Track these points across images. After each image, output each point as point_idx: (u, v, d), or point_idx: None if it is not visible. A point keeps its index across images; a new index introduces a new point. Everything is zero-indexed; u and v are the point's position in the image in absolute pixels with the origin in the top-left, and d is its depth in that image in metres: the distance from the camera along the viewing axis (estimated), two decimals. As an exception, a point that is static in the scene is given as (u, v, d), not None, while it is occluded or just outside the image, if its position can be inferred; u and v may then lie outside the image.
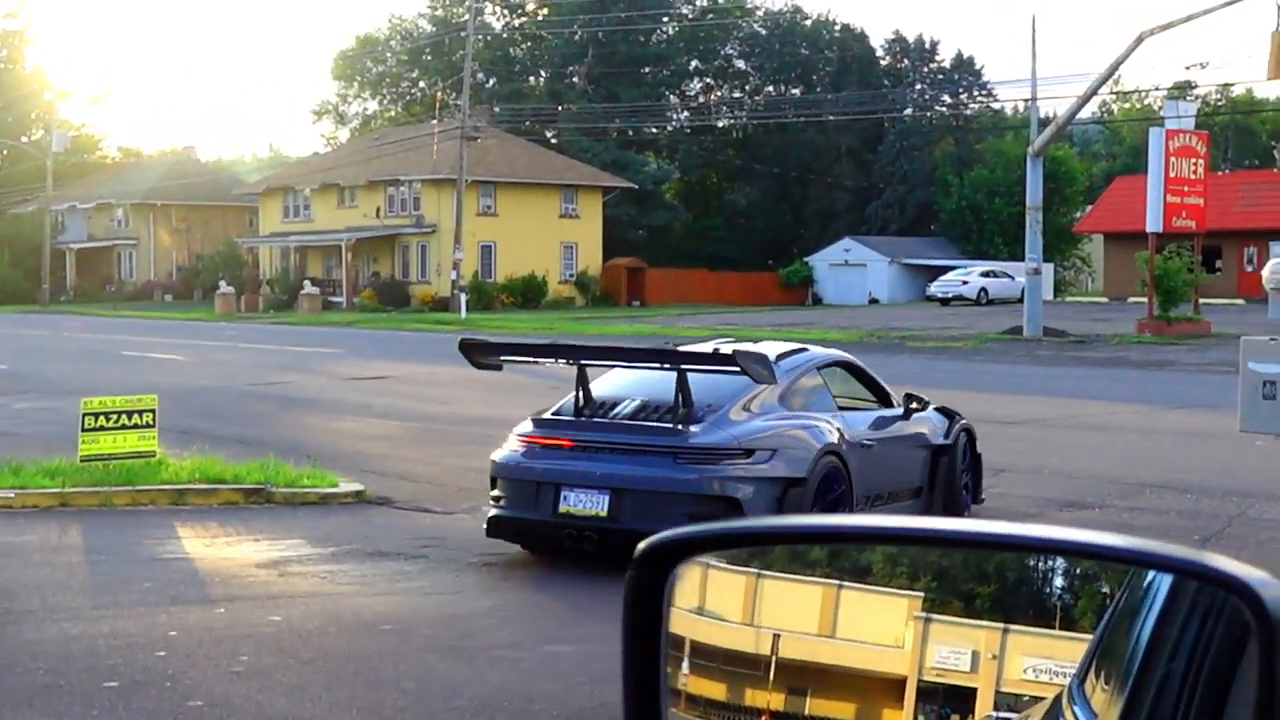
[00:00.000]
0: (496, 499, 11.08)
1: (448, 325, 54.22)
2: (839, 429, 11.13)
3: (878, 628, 2.17)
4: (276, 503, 13.94)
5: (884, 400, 12.59)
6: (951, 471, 12.74)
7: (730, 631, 2.20)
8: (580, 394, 10.94)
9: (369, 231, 72.09)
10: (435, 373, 31.64)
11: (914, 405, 12.61)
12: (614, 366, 11.85)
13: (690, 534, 2.14)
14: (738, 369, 10.45)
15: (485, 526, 11.28)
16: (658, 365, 11.19)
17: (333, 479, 14.68)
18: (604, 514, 10.36)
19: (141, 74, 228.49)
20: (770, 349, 11.83)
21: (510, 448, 11.15)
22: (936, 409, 13.12)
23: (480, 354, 11.92)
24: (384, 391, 26.71)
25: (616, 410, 10.97)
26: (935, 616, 2.12)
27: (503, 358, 12.31)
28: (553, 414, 11.18)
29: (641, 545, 2.07)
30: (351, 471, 15.73)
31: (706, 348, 11.90)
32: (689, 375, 10.64)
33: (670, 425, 10.43)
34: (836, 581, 2.20)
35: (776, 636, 2.21)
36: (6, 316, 67.24)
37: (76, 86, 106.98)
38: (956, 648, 2.11)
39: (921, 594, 2.13)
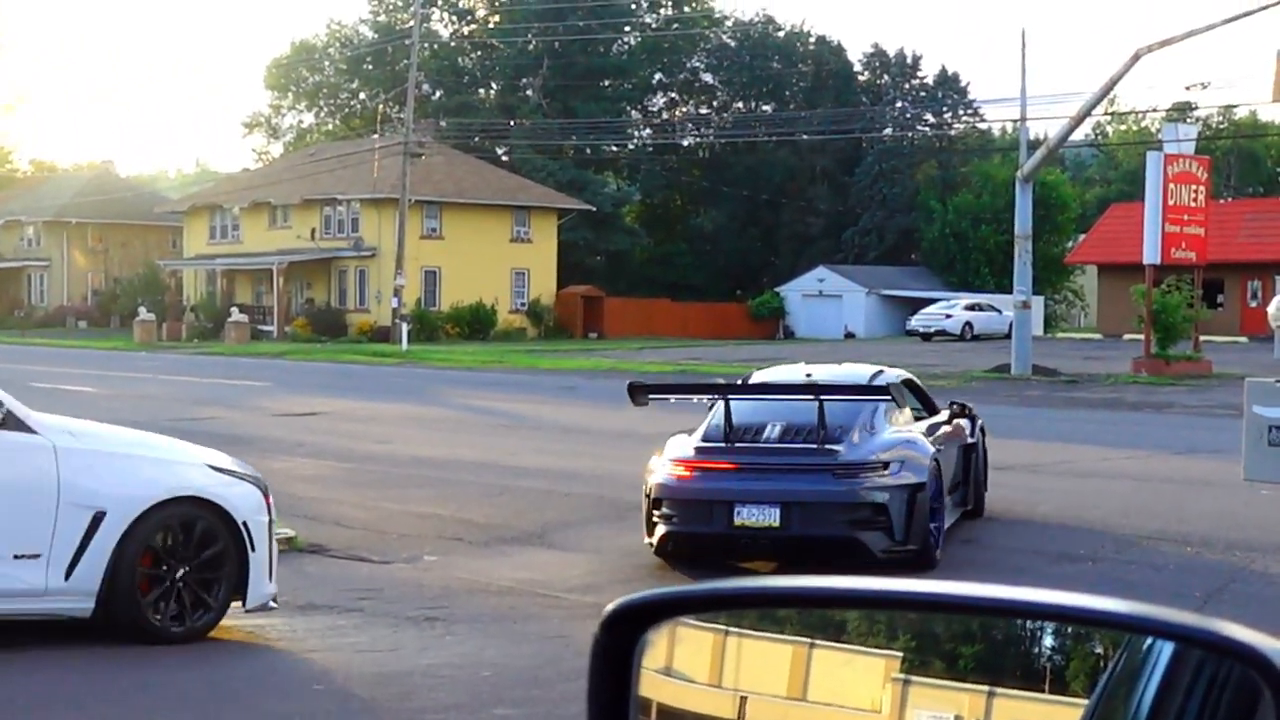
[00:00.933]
0: (667, 517, 13.14)
1: (387, 357, 54.09)
2: (930, 438, 14.01)
3: (853, 690, 2.18)
4: (199, 550, 13.84)
5: (932, 409, 15.66)
6: (979, 466, 15.99)
7: (697, 694, 2.21)
8: (726, 423, 13.27)
9: (303, 254, 71.90)
10: (374, 409, 31.56)
11: (958, 411, 15.96)
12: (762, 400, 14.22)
13: (660, 596, 2.15)
14: (888, 397, 13.60)
15: (654, 543, 13.15)
16: (811, 397, 13.45)
17: (261, 524, 14.58)
18: (776, 524, 12.81)
19: (58, 80, 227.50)
20: (862, 371, 15.52)
21: (672, 472, 13.22)
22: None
23: (643, 394, 14.17)
24: (317, 429, 26.61)
25: (764, 435, 13.46)
26: (915, 678, 2.12)
27: (651, 396, 14.46)
28: (706, 442, 13.40)
29: (609, 608, 2.09)
30: (282, 516, 15.61)
31: (820, 372, 15.37)
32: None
33: (818, 446, 13.06)
34: (808, 640, 2.20)
35: (743, 699, 2.22)
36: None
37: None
38: (938, 712, 2.11)
39: (900, 654, 2.14)
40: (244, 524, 10.06)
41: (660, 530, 13.15)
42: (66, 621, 9.78)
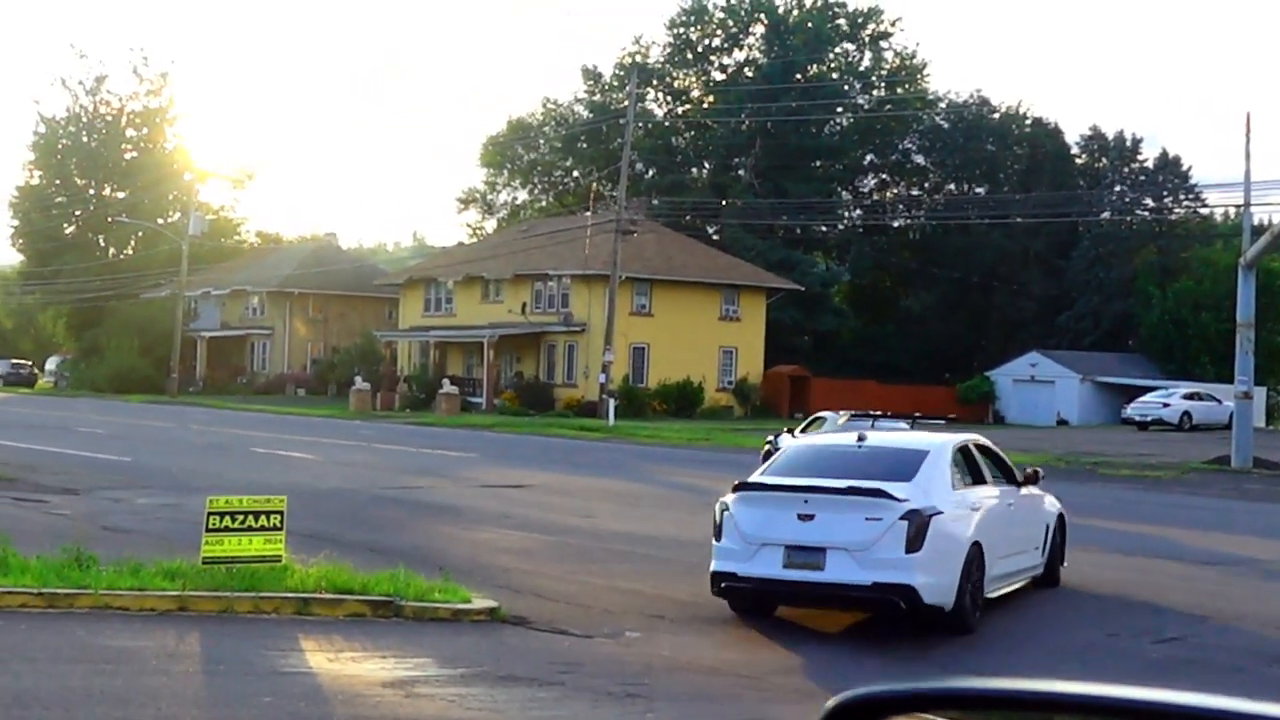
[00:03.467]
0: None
1: (594, 432, 54.51)
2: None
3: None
4: (405, 617, 14.07)
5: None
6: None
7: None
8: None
9: (513, 328, 73.03)
10: (579, 483, 31.82)
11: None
12: None
13: (881, 693, 2.13)
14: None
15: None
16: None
17: (465, 594, 14.77)
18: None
19: (284, 156, 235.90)
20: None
21: None
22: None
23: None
24: (523, 501, 26.90)
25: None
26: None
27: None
28: None
29: (830, 703, 2.07)
30: (486, 586, 15.84)
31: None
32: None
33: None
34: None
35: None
36: (133, 406, 69.26)
37: (217, 168, 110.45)
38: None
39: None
40: None
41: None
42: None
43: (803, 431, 32.02)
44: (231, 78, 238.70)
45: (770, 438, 36.97)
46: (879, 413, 33.41)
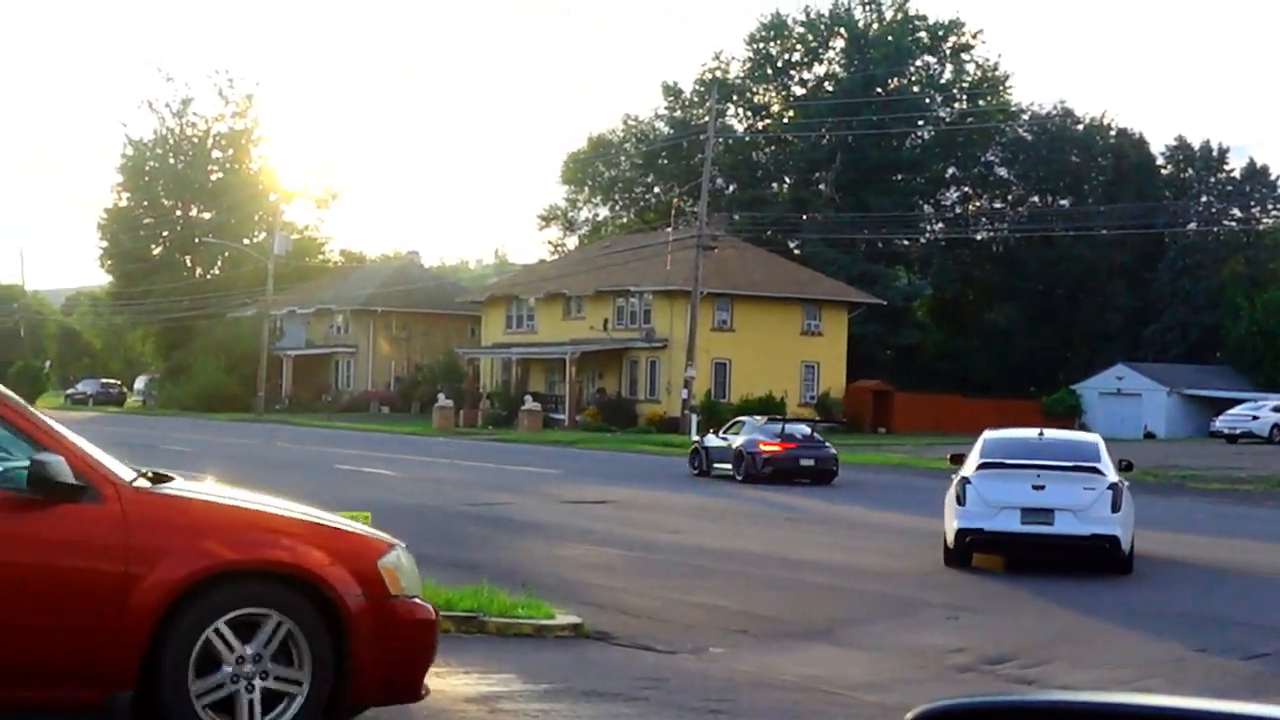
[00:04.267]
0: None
1: (676, 448, 54.40)
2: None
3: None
4: (489, 632, 14.08)
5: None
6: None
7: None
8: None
9: (595, 345, 73.16)
10: (661, 499, 31.80)
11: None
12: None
13: (958, 706, 2.10)
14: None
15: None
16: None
17: (549, 610, 14.78)
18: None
19: (367, 176, 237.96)
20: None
21: None
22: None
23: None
24: (606, 516, 26.91)
25: None
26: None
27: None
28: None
29: (910, 716, 2.05)
30: (569, 602, 15.84)
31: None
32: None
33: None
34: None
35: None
36: (219, 425, 70.02)
37: (302, 188, 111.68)
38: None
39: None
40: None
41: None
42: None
43: (726, 432, 40.62)
44: (316, 98, 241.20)
45: (697, 438, 46.40)
46: (784, 418, 42.77)
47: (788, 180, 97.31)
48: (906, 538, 24.35)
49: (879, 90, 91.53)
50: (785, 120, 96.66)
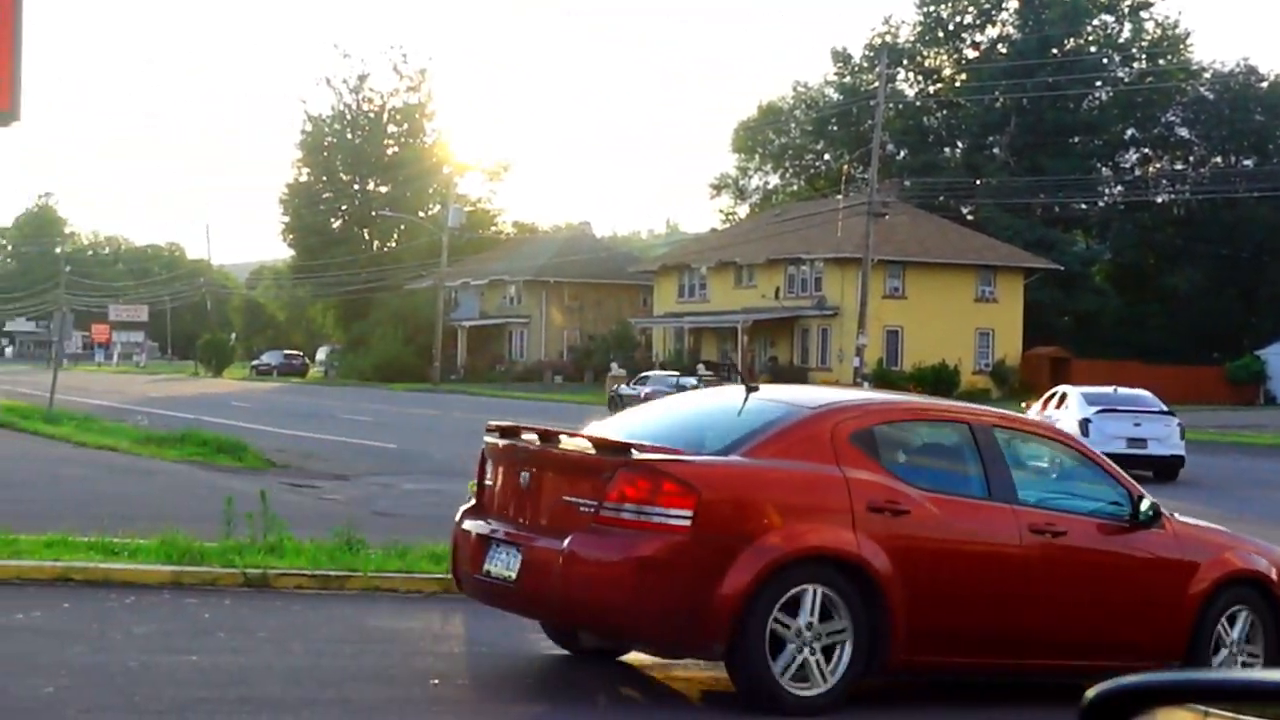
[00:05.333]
0: None
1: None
2: None
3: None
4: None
5: None
6: None
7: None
8: None
9: (767, 313, 73.03)
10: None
11: None
12: None
13: (1142, 684, 2.07)
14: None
15: None
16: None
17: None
18: None
19: (539, 147, 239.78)
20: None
21: None
22: None
23: None
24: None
25: None
26: None
27: None
28: None
29: (1090, 694, 2.02)
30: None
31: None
32: None
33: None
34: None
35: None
36: (397, 395, 71.29)
37: (475, 160, 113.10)
38: None
39: None
40: None
41: None
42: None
43: (637, 383, 54.07)
44: (488, 70, 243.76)
45: (613, 387, 59.21)
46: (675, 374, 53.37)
47: (960, 145, 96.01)
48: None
49: (1054, 51, 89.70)
50: (957, 84, 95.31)
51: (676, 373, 56.04)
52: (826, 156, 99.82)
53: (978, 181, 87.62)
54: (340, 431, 39.48)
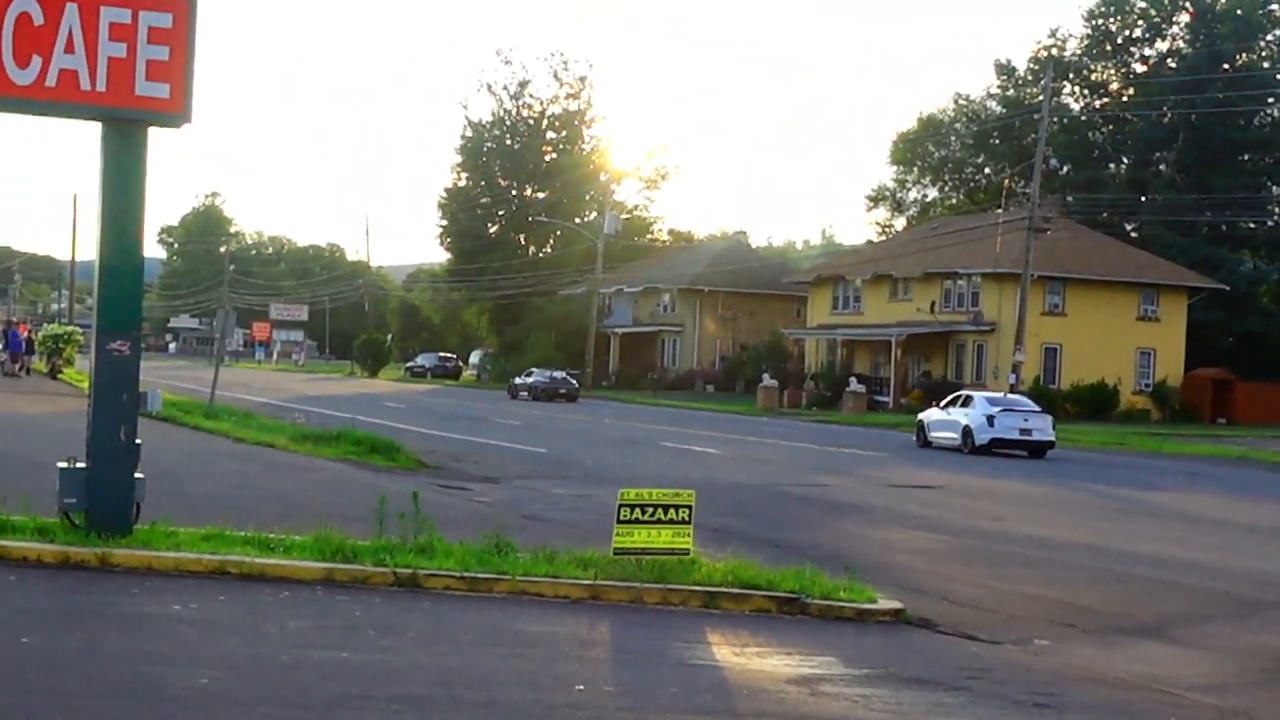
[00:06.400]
0: None
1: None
2: None
3: None
4: (810, 615, 14.09)
5: None
6: None
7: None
8: None
9: (921, 327, 72.32)
10: (987, 484, 31.28)
11: None
12: None
13: None
14: None
15: None
16: None
17: (871, 594, 14.70)
18: None
19: (697, 156, 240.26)
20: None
21: None
22: None
23: None
24: (930, 502, 26.60)
25: None
26: None
27: None
28: None
29: None
30: (890, 587, 15.73)
31: None
32: None
33: None
34: None
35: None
36: (548, 400, 71.79)
37: (633, 167, 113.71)
38: None
39: None
40: None
41: None
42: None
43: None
44: (647, 78, 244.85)
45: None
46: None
47: (1125, 160, 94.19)
48: (1252, 535, 23.37)
49: (1226, 66, 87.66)
50: (1124, 99, 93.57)
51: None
52: (987, 170, 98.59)
53: (1142, 198, 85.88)
54: (491, 435, 39.89)
